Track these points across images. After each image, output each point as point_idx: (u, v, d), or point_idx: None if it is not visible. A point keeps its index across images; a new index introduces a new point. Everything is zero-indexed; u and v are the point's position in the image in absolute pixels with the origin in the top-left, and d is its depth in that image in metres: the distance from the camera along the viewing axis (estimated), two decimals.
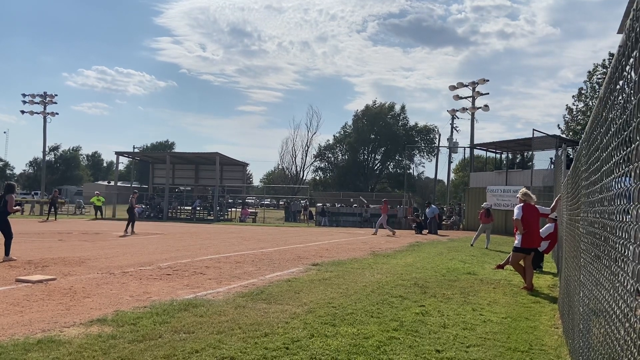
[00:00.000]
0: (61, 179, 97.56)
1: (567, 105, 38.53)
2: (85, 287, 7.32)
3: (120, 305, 6.17)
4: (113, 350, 4.31)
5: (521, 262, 8.63)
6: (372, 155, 71.57)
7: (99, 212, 33.31)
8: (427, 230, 25.04)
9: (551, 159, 23.22)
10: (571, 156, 15.26)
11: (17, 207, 11.46)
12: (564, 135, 33.94)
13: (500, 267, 11.02)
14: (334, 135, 73.60)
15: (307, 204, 39.19)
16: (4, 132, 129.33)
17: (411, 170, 68.37)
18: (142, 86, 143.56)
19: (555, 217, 9.80)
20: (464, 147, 41.90)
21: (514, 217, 8.51)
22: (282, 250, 14.01)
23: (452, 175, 53.49)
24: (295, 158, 71.65)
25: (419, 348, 4.77)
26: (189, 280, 8.26)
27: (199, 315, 5.67)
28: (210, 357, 4.22)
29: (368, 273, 9.58)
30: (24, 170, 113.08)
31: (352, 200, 38.11)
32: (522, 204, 8.58)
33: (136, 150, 76.60)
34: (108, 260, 10.59)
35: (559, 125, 39.42)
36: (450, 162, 43.73)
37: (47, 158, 64.54)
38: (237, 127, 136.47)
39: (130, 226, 19.12)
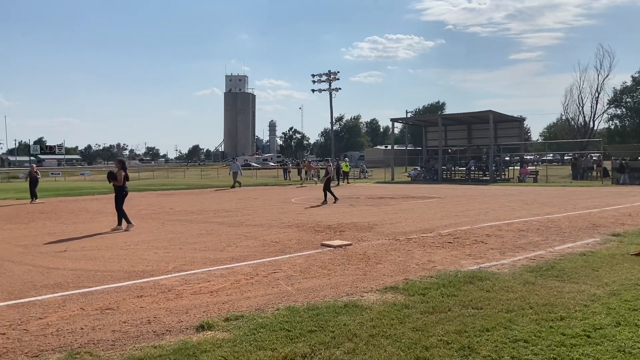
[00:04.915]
0: (346, 146, 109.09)
1: None
2: (376, 253, 8.07)
3: (409, 274, 6.59)
4: (408, 320, 4.64)
5: None
6: None
7: (346, 179, 35.03)
8: None
9: None
10: None
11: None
12: None
13: None
14: (632, 76, 62.06)
15: (601, 158, 34.35)
16: (299, 108, 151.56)
17: None
18: (411, 49, 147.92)
19: None
20: None
21: None
22: (572, 216, 12.67)
23: None
24: (582, 107, 63.16)
25: None
26: (470, 250, 8.26)
27: (485, 289, 5.61)
28: (502, 338, 4.14)
29: None
30: (317, 139, 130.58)
31: None
32: None
33: (409, 114, 79.70)
34: (392, 226, 11.41)
35: None
36: None
37: (334, 128, 72.93)
38: (509, 78, 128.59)
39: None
